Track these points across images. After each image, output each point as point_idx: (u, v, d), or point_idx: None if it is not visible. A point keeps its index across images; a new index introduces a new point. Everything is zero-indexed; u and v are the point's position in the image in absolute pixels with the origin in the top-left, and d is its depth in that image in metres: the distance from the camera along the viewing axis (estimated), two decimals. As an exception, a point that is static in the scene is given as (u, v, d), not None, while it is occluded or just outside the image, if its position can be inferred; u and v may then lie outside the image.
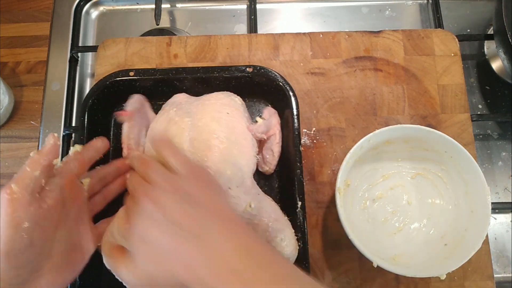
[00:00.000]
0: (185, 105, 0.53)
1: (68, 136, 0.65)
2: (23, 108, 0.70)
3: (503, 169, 0.67)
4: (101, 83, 0.57)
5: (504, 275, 0.62)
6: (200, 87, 0.58)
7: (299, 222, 0.50)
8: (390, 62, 0.64)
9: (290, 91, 0.55)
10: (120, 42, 0.65)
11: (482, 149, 0.67)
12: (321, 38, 0.65)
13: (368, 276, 0.56)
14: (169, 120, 0.52)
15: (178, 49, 0.65)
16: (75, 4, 0.73)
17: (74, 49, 0.70)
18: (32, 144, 0.67)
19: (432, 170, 0.57)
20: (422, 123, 0.61)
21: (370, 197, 0.57)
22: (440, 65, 0.64)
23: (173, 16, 0.75)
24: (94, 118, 0.57)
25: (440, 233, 0.54)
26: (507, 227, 0.64)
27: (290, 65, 0.64)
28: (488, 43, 0.73)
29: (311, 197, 0.58)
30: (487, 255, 0.56)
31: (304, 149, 0.60)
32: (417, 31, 0.66)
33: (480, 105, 0.70)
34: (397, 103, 0.63)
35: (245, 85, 0.58)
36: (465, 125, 0.61)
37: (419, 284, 0.56)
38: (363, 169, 0.57)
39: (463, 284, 0.56)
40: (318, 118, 0.62)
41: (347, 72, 0.64)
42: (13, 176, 0.37)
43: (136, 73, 0.57)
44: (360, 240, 0.47)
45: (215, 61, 0.64)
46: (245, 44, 0.65)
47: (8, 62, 0.72)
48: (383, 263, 0.47)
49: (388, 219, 0.57)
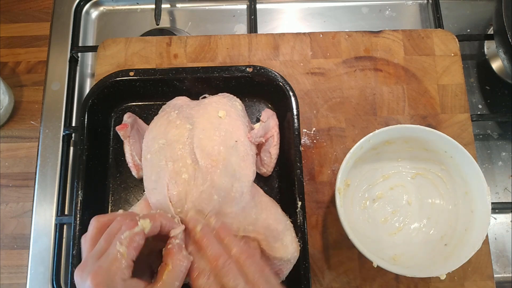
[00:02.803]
0: (186, 108, 0.53)
1: (68, 136, 0.65)
2: (23, 108, 0.70)
3: (503, 169, 0.67)
4: (101, 83, 0.57)
5: (504, 275, 0.62)
6: (200, 87, 0.58)
7: (299, 222, 0.50)
8: (390, 62, 0.64)
9: (290, 91, 0.55)
10: (120, 42, 0.65)
11: (482, 149, 0.67)
12: (321, 38, 0.65)
13: (368, 276, 0.56)
14: (169, 122, 0.52)
15: (178, 49, 0.65)
16: (75, 4, 0.73)
17: (74, 49, 0.70)
18: (32, 144, 0.67)
19: (432, 170, 0.57)
20: (422, 123, 0.61)
21: (370, 197, 0.57)
22: (440, 65, 0.64)
23: (173, 16, 0.75)
24: (94, 118, 0.57)
25: (440, 233, 0.54)
26: (507, 227, 0.64)
27: (290, 65, 0.64)
28: (488, 43, 0.73)
29: (311, 197, 0.58)
30: (487, 255, 0.56)
31: (304, 149, 0.60)
32: (417, 31, 0.66)
33: (480, 105, 0.70)
34: (397, 103, 0.63)
35: (245, 85, 0.58)
36: (465, 125, 0.61)
37: (419, 284, 0.56)
38: (363, 169, 0.57)
39: (463, 284, 0.56)
40: (318, 118, 0.62)
41: (347, 72, 0.64)
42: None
43: (136, 73, 0.57)
44: (360, 240, 0.47)
45: (215, 61, 0.64)
46: (245, 44, 0.65)
47: (8, 62, 0.72)
48: (383, 263, 0.47)
49: (388, 219, 0.57)
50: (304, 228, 0.50)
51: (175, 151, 0.49)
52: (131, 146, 0.56)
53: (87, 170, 0.54)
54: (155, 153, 0.50)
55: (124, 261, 0.37)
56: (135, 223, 0.39)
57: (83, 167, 0.54)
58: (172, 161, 0.49)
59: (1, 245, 0.63)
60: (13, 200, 0.65)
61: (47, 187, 0.63)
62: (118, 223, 0.40)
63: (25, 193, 0.65)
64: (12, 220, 0.64)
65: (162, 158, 0.49)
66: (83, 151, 0.54)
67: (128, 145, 0.56)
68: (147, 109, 0.61)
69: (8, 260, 0.62)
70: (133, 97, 0.61)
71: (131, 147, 0.56)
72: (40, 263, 0.60)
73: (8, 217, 0.64)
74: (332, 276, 0.56)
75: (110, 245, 0.38)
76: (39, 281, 0.59)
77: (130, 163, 0.56)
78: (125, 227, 0.39)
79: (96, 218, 0.42)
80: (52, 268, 0.59)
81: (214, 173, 0.48)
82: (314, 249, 0.56)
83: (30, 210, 0.62)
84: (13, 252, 0.63)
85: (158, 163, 0.49)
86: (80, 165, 0.54)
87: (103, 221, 0.42)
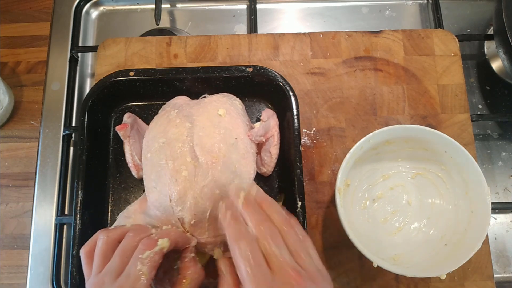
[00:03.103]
0: (186, 107, 0.53)
1: (68, 136, 0.65)
2: (23, 108, 0.70)
3: (503, 169, 0.67)
4: (101, 83, 0.57)
5: (504, 275, 0.62)
6: (200, 87, 0.58)
7: (299, 222, 0.50)
8: (390, 62, 0.64)
9: (290, 91, 0.55)
10: (120, 42, 0.65)
11: (482, 149, 0.67)
12: (321, 38, 0.65)
13: (368, 276, 0.56)
14: (169, 121, 0.52)
15: (178, 49, 0.65)
16: (75, 4, 0.73)
17: (74, 49, 0.70)
18: (32, 144, 0.67)
19: (432, 170, 0.57)
20: (422, 123, 0.61)
21: (370, 197, 0.57)
22: (440, 65, 0.64)
23: (173, 16, 0.75)
24: (94, 118, 0.57)
25: (440, 233, 0.54)
26: (507, 227, 0.64)
27: (290, 65, 0.64)
28: (488, 43, 0.73)
29: (311, 197, 0.58)
30: (487, 255, 0.56)
31: (304, 149, 0.60)
32: (417, 31, 0.66)
33: (480, 105, 0.70)
34: (397, 103, 0.63)
35: (245, 85, 0.58)
36: (465, 125, 0.61)
37: (419, 284, 0.56)
38: (363, 169, 0.57)
39: (463, 284, 0.56)
40: (318, 118, 0.62)
41: (347, 72, 0.64)
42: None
43: (136, 73, 0.57)
44: (360, 240, 0.47)
45: (215, 61, 0.64)
46: (245, 44, 0.65)
47: (8, 62, 0.72)
48: (383, 263, 0.47)
49: (388, 219, 0.57)
50: (304, 228, 0.50)
51: (174, 149, 0.49)
52: (131, 146, 0.56)
53: (87, 170, 0.54)
54: (155, 152, 0.50)
55: (146, 281, 0.37)
56: (154, 243, 0.39)
57: (83, 167, 0.54)
58: (172, 160, 0.49)
59: (1, 245, 0.63)
60: (13, 200, 0.65)
61: (47, 187, 0.63)
62: (132, 239, 0.40)
63: (25, 193, 0.65)
64: (12, 220, 0.64)
65: (162, 157, 0.49)
66: (83, 151, 0.54)
67: (128, 145, 0.56)
68: (147, 109, 0.61)
69: (8, 260, 0.62)
70: (133, 97, 0.61)
71: (131, 147, 0.56)
72: (40, 263, 0.60)
73: (8, 217, 0.64)
74: (332, 276, 0.56)
75: (125, 263, 0.38)
76: (39, 281, 0.59)
77: (130, 163, 0.56)
78: (145, 247, 0.39)
79: (105, 233, 0.42)
80: (52, 268, 0.59)
81: (214, 169, 0.48)
82: (314, 249, 0.56)
83: (30, 210, 0.62)
84: (13, 252, 0.63)
85: (158, 162, 0.49)
86: (80, 165, 0.54)
87: (113, 236, 0.41)
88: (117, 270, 0.38)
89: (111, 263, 0.39)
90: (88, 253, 0.41)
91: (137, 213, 0.51)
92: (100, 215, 0.56)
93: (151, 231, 0.43)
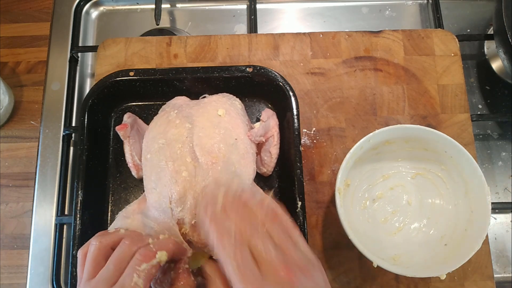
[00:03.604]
0: (185, 108, 0.53)
1: (68, 136, 0.65)
2: (23, 108, 0.70)
3: (503, 169, 0.67)
4: (101, 83, 0.57)
5: (504, 275, 0.62)
6: (200, 87, 0.58)
7: (299, 222, 0.50)
8: (390, 62, 0.64)
9: (290, 91, 0.55)
10: (120, 42, 0.65)
11: (482, 149, 0.67)
12: (321, 38, 0.65)
13: (368, 276, 0.56)
14: (169, 121, 0.52)
15: (178, 49, 0.65)
16: (75, 4, 0.73)
17: (74, 49, 0.70)
18: (32, 144, 0.67)
19: (432, 170, 0.57)
20: (422, 123, 0.61)
21: (370, 197, 0.57)
22: (440, 65, 0.64)
23: (173, 16, 0.75)
24: (94, 118, 0.57)
25: (440, 233, 0.54)
26: (507, 227, 0.64)
27: (290, 65, 0.64)
28: (488, 43, 0.73)
29: (311, 197, 0.58)
30: (487, 255, 0.56)
31: (304, 149, 0.60)
32: (417, 31, 0.66)
33: (480, 105, 0.70)
34: (397, 103, 0.63)
35: (245, 85, 0.58)
36: (465, 125, 0.61)
37: (419, 284, 0.56)
38: (363, 169, 0.57)
39: (463, 284, 0.56)
40: (318, 118, 0.62)
41: (347, 72, 0.64)
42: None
43: (136, 73, 0.57)
44: (360, 240, 0.47)
45: (215, 61, 0.64)
46: (245, 44, 0.65)
47: (8, 62, 0.72)
48: (383, 263, 0.47)
49: (388, 219, 0.57)
50: (304, 228, 0.50)
51: (174, 150, 0.49)
52: (131, 146, 0.56)
53: (87, 170, 0.54)
54: (155, 153, 0.50)
55: None
56: (153, 255, 0.39)
57: (83, 167, 0.54)
58: (172, 161, 0.49)
59: (1, 245, 0.63)
60: (13, 200, 0.65)
61: (47, 187, 0.63)
62: (129, 248, 0.40)
63: (25, 193, 0.65)
64: (12, 220, 0.64)
65: (162, 158, 0.49)
66: (83, 151, 0.54)
67: (128, 145, 0.56)
68: (147, 109, 0.61)
69: (8, 260, 0.62)
70: (133, 97, 0.61)
71: (131, 147, 0.56)
72: (40, 263, 0.60)
73: (8, 217, 0.64)
74: (332, 276, 0.56)
75: (120, 272, 0.38)
76: (39, 281, 0.59)
77: (130, 163, 0.56)
78: (142, 258, 0.38)
79: (98, 238, 0.41)
80: (52, 268, 0.59)
81: (214, 169, 0.48)
82: (314, 249, 0.56)
83: (30, 210, 0.62)
84: (13, 252, 0.63)
85: (158, 163, 0.49)
86: (80, 165, 0.54)
87: (106, 242, 0.41)
88: (111, 279, 0.37)
89: (105, 271, 0.38)
90: (85, 255, 0.41)
91: (136, 213, 0.51)
92: (100, 215, 0.56)
93: (148, 240, 0.42)
